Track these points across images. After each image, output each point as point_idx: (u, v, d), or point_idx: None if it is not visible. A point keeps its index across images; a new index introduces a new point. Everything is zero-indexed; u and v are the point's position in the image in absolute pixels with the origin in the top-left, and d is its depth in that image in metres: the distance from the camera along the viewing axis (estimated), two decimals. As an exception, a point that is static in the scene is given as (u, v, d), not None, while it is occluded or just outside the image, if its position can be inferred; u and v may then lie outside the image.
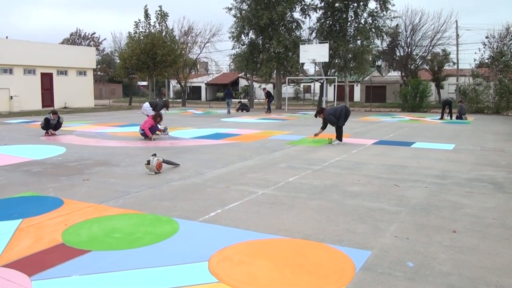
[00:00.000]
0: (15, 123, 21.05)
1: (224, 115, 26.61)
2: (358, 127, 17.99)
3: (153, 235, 4.87)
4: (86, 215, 5.64)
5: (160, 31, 37.31)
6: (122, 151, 11.44)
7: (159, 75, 40.18)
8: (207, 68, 64.58)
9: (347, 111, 12.93)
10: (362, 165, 9.22)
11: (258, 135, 14.93)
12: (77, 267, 4.05)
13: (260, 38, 34.86)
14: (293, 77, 38.43)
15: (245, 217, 5.50)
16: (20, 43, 32.30)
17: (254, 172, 8.44)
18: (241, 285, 3.65)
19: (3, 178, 8.09)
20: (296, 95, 60.09)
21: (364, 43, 32.58)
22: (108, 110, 33.09)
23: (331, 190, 6.95)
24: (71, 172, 8.54)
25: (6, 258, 4.28)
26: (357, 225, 5.19)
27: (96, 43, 66.72)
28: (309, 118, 23.65)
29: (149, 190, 7.01)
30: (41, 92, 33.43)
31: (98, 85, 56.31)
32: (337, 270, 3.93)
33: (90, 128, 18.14)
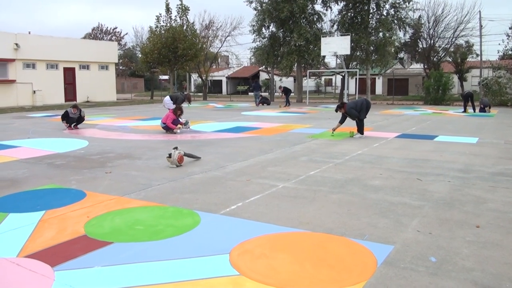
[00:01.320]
0: (38, 117, 21.37)
1: (246, 108, 26.60)
2: (380, 120, 17.82)
3: (175, 228, 4.90)
4: (109, 207, 5.70)
5: (181, 25, 37.42)
6: (144, 144, 11.53)
7: (180, 69, 40.39)
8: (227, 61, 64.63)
9: (368, 104, 12.82)
10: (384, 158, 9.14)
11: (279, 129, 14.89)
12: (100, 258, 4.09)
13: (281, 31, 34.69)
14: (314, 70, 38.23)
15: (265, 210, 5.50)
16: (43, 38, 32.70)
17: (274, 165, 8.42)
18: (262, 278, 3.65)
19: (26, 170, 8.22)
20: (317, 88, 59.75)
21: (386, 35, 32.16)
22: (130, 104, 33.36)
23: (353, 183, 6.90)
24: (94, 165, 8.64)
25: (30, 249, 4.35)
26: (379, 219, 5.14)
27: (118, 37, 67.19)
28: (331, 111, 23.49)
29: (170, 183, 7.05)
30: (64, 86, 33.85)
31: (120, 79, 56.80)
32: (359, 264, 3.90)
33: (112, 121, 18.32)
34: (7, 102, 29.84)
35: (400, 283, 3.52)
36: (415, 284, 3.51)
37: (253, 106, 30.03)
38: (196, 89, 60.26)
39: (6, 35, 30.05)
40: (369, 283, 3.53)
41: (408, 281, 3.56)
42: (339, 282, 3.58)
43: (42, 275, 3.78)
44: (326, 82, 61.35)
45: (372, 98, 35.37)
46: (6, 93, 30.00)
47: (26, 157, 9.59)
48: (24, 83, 30.85)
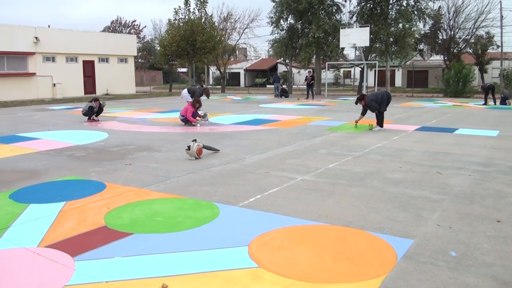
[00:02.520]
0: (58, 109, 21.62)
1: (264, 101, 26.55)
2: (399, 113, 17.66)
3: (194, 219, 4.93)
4: (128, 199, 5.75)
5: (199, 17, 37.43)
6: (163, 136, 11.59)
7: (199, 62, 40.44)
8: (245, 54, 64.59)
9: (389, 96, 12.70)
10: (404, 151, 9.06)
11: (297, 121, 14.85)
12: (119, 249, 4.14)
13: (299, 23, 34.47)
14: (333, 62, 37.96)
15: (284, 203, 5.49)
16: (62, 31, 32.97)
17: (293, 158, 8.40)
18: (281, 270, 3.65)
19: (47, 162, 8.33)
20: (336, 81, 59.37)
21: (406, 26, 31.71)
22: (149, 97, 33.55)
23: (372, 177, 6.86)
24: (114, 157, 8.72)
25: (50, 239, 4.41)
26: (399, 213, 5.10)
27: (136, 30, 67.53)
28: (349, 103, 23.36)
29: (189, 175, 7.09)
30: (83, 79, 34.13)
31: (139, 72, 57.12)
32: (378, 258, 3.88)
33: (132, 114, 18.46)
34: (28, 95, 30.22)
35: (420, 278, 3.49)
36: (435, 279, 3.48)
37: (272, 98, 29.98)
38: (214, 81, 60.36)
39: (26, 28, 30.37)
40: (389, 277, 3.51)
41: (428, 275, 3.53)
42: (358, 275, 3.56)
43: (62, 264, 3.83)
44: (345, 74, 60.94)
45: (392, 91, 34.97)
46: (27, 86, 30.38)
47: (46, 149, 9.72)
48: (44, 76, 31.18)
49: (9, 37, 29.05)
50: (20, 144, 10.50)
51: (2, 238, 4.47)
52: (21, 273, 3.69)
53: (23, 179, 6.98)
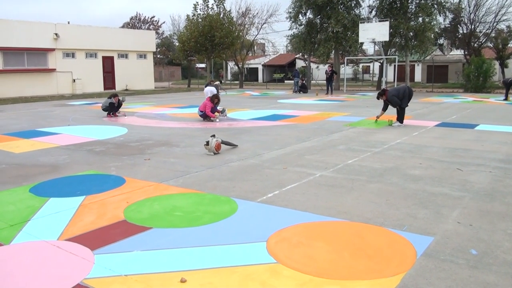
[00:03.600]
0: (78, 104, 21.84)
1: (282, 96, 26.50)
2: (419, 109, 17.47)
3: (212, 214, 4.94)
4: (147, 194, 5.79)
5: (218, 13, 37.47)
6: (182, 132, 11.64)
7: (217, 57, 40.52)
8: (264, 49, 64.53)
9: (410, 91, 12.52)
10: (424, 148, 8.96)
11: (316, 117, 14.79)
12: (139, 243, 4.17)
13: (318, 18, 34.25)
14: (352, 57, 37.69)
15: (303, 199, 5.48)
16: (82, 27, 33.27)
17: (311, 154, 8.37)
18: (300, 266, 3.64)
19: (67, 157, 8.43)
20: (354, 76, 58.94)
21: (426, 20, 31.30)
22: (168, 92, 33.70)
23: (392, 173, 6.80)
24: (133, 152, 8.78)
25: (70, 233, 4.47)
26: (418, 209, 5.05)
27: (155, 26, 67.87)
28: (369, 99, 23.20)
29: (208, 170, 7.11)
30: (103, 75, 34.43)
31: (157, 67, 57.37)
32: (398, 255, 3.84)
33: (151, 109, 18.56)
34: (48, 90, 30.61)
35: (440, 276, 3.45)
36: (455, 277, 3.43)
37: (290, 93, 29.91)
38: (233, 77, 60.35)
39: (46, 25, 30.71)
40: (408, 275, 3.48)
41: (448, 273, 3.49)
42: (378, 272, 3.53)
43: (82, 258, 3.87)
44: (364, 70, 60.45)
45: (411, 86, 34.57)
46: (47, 82, 30.76)
47: (66, 144, 9.83)
48: (64, 72, 31.53)
49: (29, 33, 29.42)
50: (40, 139, 10.64)
51: (23, 231, 4.54)
52: (41, 266, 3.74)
53: (43, 173, 7.07)
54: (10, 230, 4.57)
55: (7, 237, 4.38)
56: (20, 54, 29.31)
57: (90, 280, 3.46)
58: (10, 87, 28.57)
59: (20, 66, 29.34)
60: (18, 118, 15.75)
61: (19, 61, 29.31)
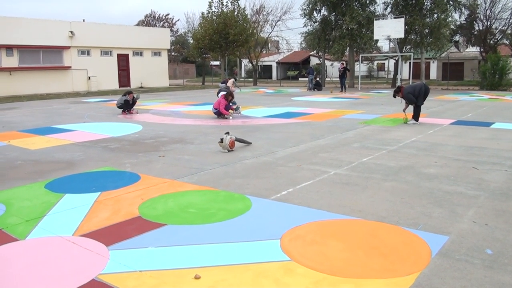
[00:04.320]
0: (93, 102, 22.00)
1: (296, 94, 26.43)
2: (434, 106, 17.33)
3: (226, 212, 4.95)
4: (162, 190, 5.82)
5: (232, 10, 37.49)
6: (196, 129, 11.68)
7: (231, 55, 40.55)
8: (278, 46, 64.36)
9: (427, 89, 12.35)
10: (439, 146, 8.89)
11: (330, 114, 14.74)
12: (153, 239, 4.19)
13: (333, 15, 34.08)
14: (367, 54, 37.47)
15: (317, 197, 5.46)
16: (97, 25, 33.48)
17: (326, 151, 8.35)
18: (314, 264, 3.63)
19: (82, 153, 8.50)
20: (369, 73, 58.58)
21: (441, 16, 31.01)
22: (182, 90, 33.80)
23: (406, 171, 6.75)
24: (148, 149, 8.83)
25: (85, 228, 4.51)
26: (433, 208, 5.01)
27: (170, 24, 68.05)
28: (383, 96, 23.05)
29: (222, 167, 7.12)
30: (118, 73, 34.64)
31: (172, 65, 57.56)
32: (412, 254, 3.82)
33: (165, 106, 18.64)
34: (63, 87, 30.87)
35: (455, 275, 3.42)
36: (470, 276, 3.40)
37: (304, 91, 29.83)
38: (247, 74, 60.38)
39: (61, 23, 30.95)
40: (423, 274, 3.45)
41: (463, 273, 3.46)
42: (392, 271, 3.51)
43: (97, 253, 3.90)
44: (379, 67, 60.06)
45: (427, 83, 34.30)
46: (62, 79, 31.02)
47: (81, 141, 9.91)
48: (79, 70, 31.78)
49: (45, 31, 29.69)
50: (56, 135, 10.74)
51: (38, 226, 4.59)
52: (56, 261, 3.78)
53: (59, 170, 7.14)
54: (26, 225, 4.62)
55: (22, 232, 4.44)
56: (36, 52, 29.59)
57: (105, 275, 3.49)
58: (26, 84, 28.88)
59: (36, 64, 29.62)
60: (34, 115, 15.91)
61: (35, 59, 29.59)
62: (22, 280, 3.46)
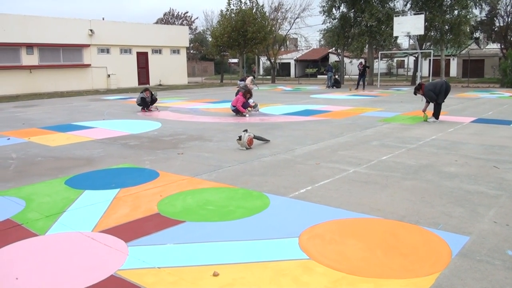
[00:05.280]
0: (112, 99, 22.18)
1: (315, 91, 26.33)
2: (455, 104, 17.11)
3: (245, 209, 4.95)
4: (181, 187, 5.84)
5: (250, 8, 37.48)
6: (215, 126, 11.70)
7: (250, 52, 40.55)
8: (296, 44, 64.22)
9: (448, 87, 12.17)
10: (459, 144, 8.77)
11: (349, 112, 14.65)
12: (172, 236, 4.21)
13: (352, 11, 33.84)
14: (386, 51, 37.15)
15: (336, 195, 5.43)
16: (116, 24, 33.73)
17: (345, 149, 8.30)
18: (332, 263, 3.61)
19: (102, 150, 8.57)
20: (388, 71, 58.09)
21: (462, 13, 30.57)
22: (201, 87, 33.91)
23: (426, 170, 6.68)
24: (166, 146, 8.87)
25: (105, 224, 4.55)
26: (454, 208, 4.95)
27: (188, 22, 68.29)
28: (403, 94, 22.84)
29: (240, 165, 7.12)
30: (137, 70, 34.87)
31: (191, 63, 57.78)
32: (432, 254, 3.77)
33: (184, 104, 18.72)
34: (83, 85, 31.18)
35: (475, 276, 3.37)
36: (490, 278, 3.35)
37: (323, 88, 29.71)
38: (265, 72, 60.33)
39: (81, 21, 31.23)
40: (443, 275, 3.41)
41: (483, 274, 3.40)
42: (412, 272, 3.47)
43: (116, 249, 3.94)
44: (398, 64, 59.56)
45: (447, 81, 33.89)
46: (82, 77, 31.32)
47: (101, 138, 9.99)
48: (99, 67, 32.06)
49: (65, 30, 29.99)
50: (76, 132, 10.85)
51: (58, 222, 4.64)
52: (75, 256, 3.82)
53: (78, 166, 7.22)
54: (46, 220, 4.68)
55: (42, 227, 4.49)
56: (56, 50, 29.92)
57: (124, 271, 3.52)
58: (46, 82, 29.23)
59: (56, 62, 29.95)
60: (54, 112, 16.11)
61: (55, 57, 29.93)
62: (42, 274, 3.50)
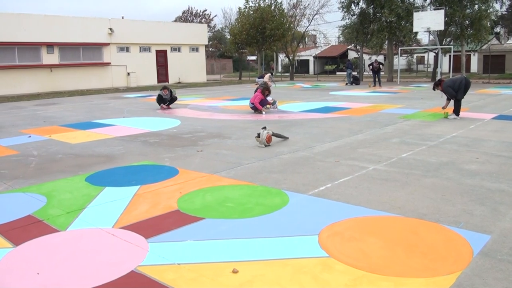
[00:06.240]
0: (132, 97, 22.35)
1: (334, 88, 26.20)
2: (475, 100, 16.89)
3: (264, 206, 4.95)
4: (200, 184, 5.87)
5: (269, 5, 37.43)
6: (233, 124, 11.72)
7: (268, 49, 40.49)
8: (315, 41, 63.93)
9: (467, 83, 12.00)
10: (481, 141, 8.65)
11: (369, 109, 14.55)
12: (191, 233, 4.24)
13: (371, 7, 33.52)
14: (406, 47, 36.78)
15: (355, 193, 5.41)
16: (135, 22, 33.96)
17: (364, 146, 8.25)
18: (352, 261, 3.59)
19: (122, 147, 8.65)
20: (408, 67, 57.51)
21: (482, 7, 30.06)
22: (220, 85, 33.99)
23: (447, 167, 6.60)
24: (186, 143, 8.92)
25: (125, 221, 4.60)
26: (475, 206, 4.88)
27: (207, 20, 68.38)
28: (423, 90, 22.61)
29: (259, 162, 7.13)
30: (156, 68, 35.09)
31: (209, 60, 57.87)
32: (453, 253, 3.73)
33: (203, 102, 18.78)
34: (103, 83, 31.50)
35: (497, 276, 3.32)
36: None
37: (342, 85, 29.54)
38: (283, 69, 60.19)
39: (101, 20, 31.51)
40: (464, 274, 3.37)
41: (505, 274, 3.35)
42: (432, 270, 3.44)
43: (136, 245, 3.98)
44: (418, 60, 58.93)
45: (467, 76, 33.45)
46: (102, 75, 31.65)
47: (121, 135, 10.09)
48: (118, 66, 32.35)
49: (85, 29, 30.30)
50: (96, 130, 10.97)
51: (79, 218, 4.71)
52: (96, 252, 3.87)
53: (99, 163, 7.30)
54: (67, 217, 4.75)
55: (63, 223, 4.56)
56: (76, 49, 30.25)
57: (144, 267, 3.55)
58: (66, 80, 29.58)
59: (76, 61, 30.30)
60: (75, 110, 16.30)
61: (75, 56, 30.27)
62: (63, 270, 3.55)
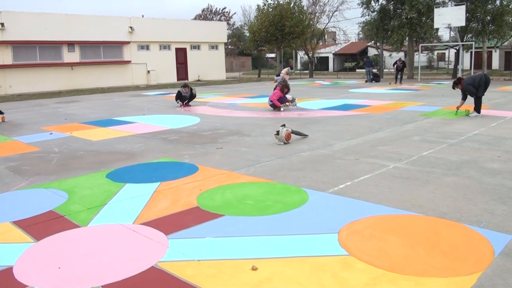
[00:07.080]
0: (152, 95, 22.52)
1: (354, 86, 26.04)
2: (497, 98, 16.62)
3: (283, 204, 4.95)
4: (220, 182, 5.90)
5: (288, 2, 37.34)
6: (252, 121, 11.73)
7: (287, 47, 40.44)
8: (334, 38, 63.62)
9: (487, 79, 11.85)
10: (503, 139, 8.52)
11: (389, 106, 14.43)
12: (211, 230, 4.26)
13: (391, 3, 33.18)
14: (427, 44, 36.36)
15: (375, 191, 5.37)
16: (155, 20, 34.20)
17: (384, 144, 8.19)
18: (372, 260, 3.57)
19: (142, 145, 8.72)
20: (429, 64, 56.86)
21: (504, 3, 29.54)
22: (239, 82, 34.03)
23: (469, 166, 6.52)
24: (205, 141, 8.96)
25: (145, 217, 4.64)
26: (497, 205, 4.81)
27: (226, 17, 68.52)
28: (444, 88, 22.33)
29: (278, 159, 7.12)
30: (176, 66, 35.31)
31: (228, 58, 58.03)
32: (474, 253, 3.68)
33: (222, 99, 18.84)
34: (124, 81, 31.82)
35: (519, 277, 3.28)
36: (536, 278, 3.25)
37: (362, 83, 29.34)
38: (302, 66, 60.02)
39: (121, 19, 31.83)
40: (485, 274, 3.32)
41: (527, 274, 3.30)
42: (453, 270, 3.40)
43: (156, 241, 4.01)
44: (439, 57, 58.26)
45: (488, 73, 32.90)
46: (123, 73, 31.97)
47: (141, 132, 10.17)
48: (138, 64, 32.65)
49: (105, 27, 30.68)
50: (117, 127, 11.08)
51: (99, 214, 4.77)
52: (117, 248, 3.92)
53: (119, 160, 7.37)
54: (88, 213, 4.81)
55: (84, 219, 4.62)
56: (96, 47, 30.61)
57: (164, 263, 3.58)
58: (87, 78, 29.97)
59: (96, 59, 30.66)
60: (95, 107, 16.48)
61: (95, 54, 30.64)
62: (84, 265, 3.60)
